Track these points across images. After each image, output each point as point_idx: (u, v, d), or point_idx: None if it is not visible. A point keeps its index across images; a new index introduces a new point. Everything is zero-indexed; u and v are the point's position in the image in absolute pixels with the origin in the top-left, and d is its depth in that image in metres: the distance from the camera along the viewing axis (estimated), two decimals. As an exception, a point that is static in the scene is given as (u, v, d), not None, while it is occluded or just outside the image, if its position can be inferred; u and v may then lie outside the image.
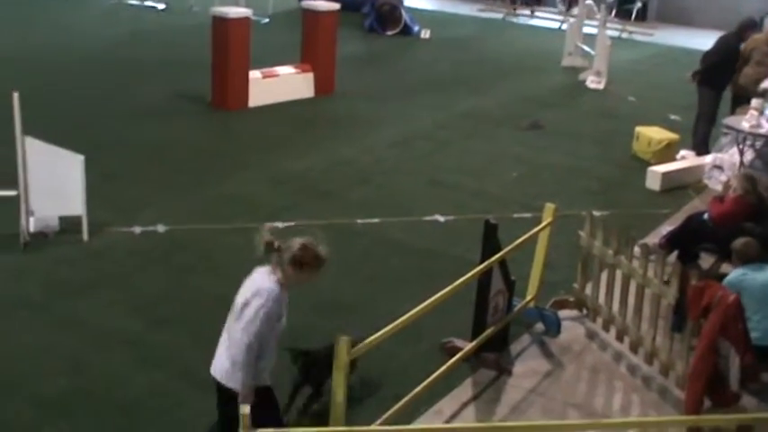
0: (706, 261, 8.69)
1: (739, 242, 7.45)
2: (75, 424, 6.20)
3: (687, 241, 8.69)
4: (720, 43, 12.72)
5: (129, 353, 7.10)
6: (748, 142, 11.27)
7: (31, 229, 8.86)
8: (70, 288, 8.07)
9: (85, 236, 8.97)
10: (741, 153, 11.23)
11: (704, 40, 16.28)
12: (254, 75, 14.27)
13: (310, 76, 15.13)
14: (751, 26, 12.62)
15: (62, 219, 9.06)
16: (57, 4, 22.05)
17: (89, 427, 6.18)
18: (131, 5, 22.60)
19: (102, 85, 14.87)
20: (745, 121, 10.99)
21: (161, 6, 22.52)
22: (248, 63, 14.05)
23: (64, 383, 6.64)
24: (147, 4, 22.70)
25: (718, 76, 12.50)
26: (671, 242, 8.76)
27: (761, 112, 11.11)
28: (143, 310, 7.78)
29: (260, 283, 5.21)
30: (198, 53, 15.35)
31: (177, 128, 12.95)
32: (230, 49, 13.69)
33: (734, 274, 7.30)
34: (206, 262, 8.79)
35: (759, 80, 12.57)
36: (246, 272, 8.47)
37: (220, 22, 13.77)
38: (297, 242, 5.24)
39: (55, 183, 8.80)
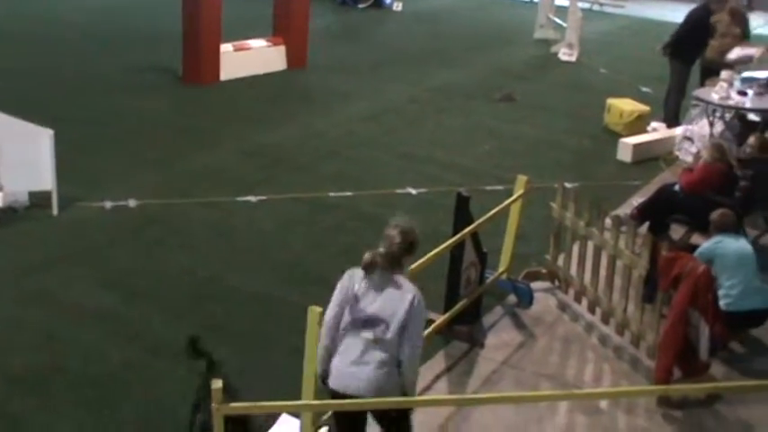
0: (677, 232, 8.75)
1: (717, 213, 7.51)
2: (47, 399, 6.17)
3: (658, 212, 8.75)
4: (688, 16, 12.80)
5: (102, 327, 7.07)
6: (718, 114, 11.34)
7: (0, 204, 8.78)
8: (41, 263, 8.01)
9: (55, 211, 8.90)
10: (711, 125, 11.29)
11: (675, 13, 16.36)
12: (226, 48, 14.17)
13: (282, 48, 15.05)
14: None
15: (32, 194, 8.97)
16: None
17: (61, 402, 6.14)
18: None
19: (73, 59, 14.72)
20: (715, 93, 11.05)
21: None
22: (220, 36, 13.95)
23: (35, 358, 6.60)
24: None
25: (687, 49, 12.55)
26: (642, 213, 8.82)
27: (730, 84, 11.17)
28: (115, 284, 7.74)
29: (405, 288, 4.99)
30: (170, 26, 15.22)
31: (149, 101, 12.85)
32: (202, 22, 13.58)
33: (709, 241, 7.38)
34: (178, 236, 8.75)
35: (724, 52, 12.67)
36: (219, 246, 8.52)
37: (191, -5, 13.65)
38: (393, 233, 5.05)
39: (24, 157, 8.72)
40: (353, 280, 5.06)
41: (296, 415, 5.69)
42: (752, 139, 9.14)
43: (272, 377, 6.50)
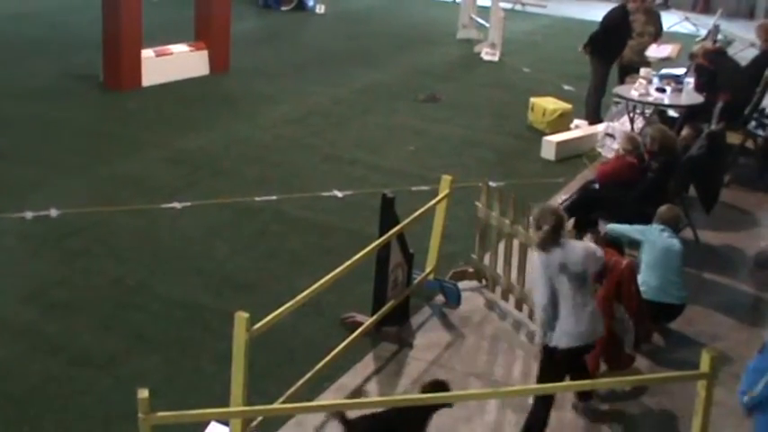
0: (602, 228, 8.87)
1: (663, 206, 7.77)
2: (-34, 417, 6.03)
3: (581, 208, 8.86)
4: (606, 16, 12.99)
5: (23, 341, 6.91)
6: (638, 110, 11.54)
7: None
8: (-42, 277, 7.83)
9: (-27, 223, 8.72)
10: (631, 121, 11.48)
11: (595, 11, 16.59)
12: (147, 53, 13.97)
13: (205, 53, 14.90)
14: None
15: (-52, 206, 8.78)
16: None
17: (-20, 420, 6.01)
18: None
19: (-12, 66, 14.41)
20: (635, 90, 11.24)
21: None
22: (141, 41, 13.75)
23: (-46, 376, 6.44)
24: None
25: (607, 48, 12.73)
26: (568, 209, 8.90)
27: (649, 81, 11.37)
28: (37, 297, 7.58)
29: (576, 243, 6.21)
30: (89, 31, 14.97)
31: (69, 108, 12.62)
32: (122, 28, 13.35)
33: (652, 225, 7.61)
34: (102, 245, 8.61)
35: (641, 50, 12.93)
36: (144, 254, 8.40)
37: (111, 0, 13.43)
38: (546, 213, 5.96)
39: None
40: (543, 258, 5.87)
41: (225, 422, 5.64)
42: (650, 131, 9.23)
43: (200, 384, 6.45)
